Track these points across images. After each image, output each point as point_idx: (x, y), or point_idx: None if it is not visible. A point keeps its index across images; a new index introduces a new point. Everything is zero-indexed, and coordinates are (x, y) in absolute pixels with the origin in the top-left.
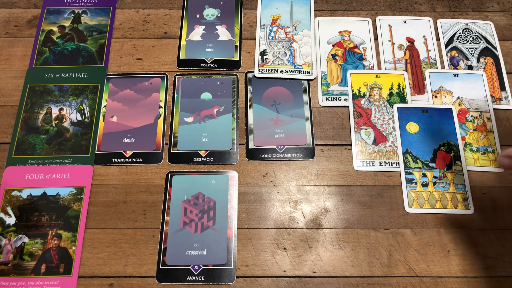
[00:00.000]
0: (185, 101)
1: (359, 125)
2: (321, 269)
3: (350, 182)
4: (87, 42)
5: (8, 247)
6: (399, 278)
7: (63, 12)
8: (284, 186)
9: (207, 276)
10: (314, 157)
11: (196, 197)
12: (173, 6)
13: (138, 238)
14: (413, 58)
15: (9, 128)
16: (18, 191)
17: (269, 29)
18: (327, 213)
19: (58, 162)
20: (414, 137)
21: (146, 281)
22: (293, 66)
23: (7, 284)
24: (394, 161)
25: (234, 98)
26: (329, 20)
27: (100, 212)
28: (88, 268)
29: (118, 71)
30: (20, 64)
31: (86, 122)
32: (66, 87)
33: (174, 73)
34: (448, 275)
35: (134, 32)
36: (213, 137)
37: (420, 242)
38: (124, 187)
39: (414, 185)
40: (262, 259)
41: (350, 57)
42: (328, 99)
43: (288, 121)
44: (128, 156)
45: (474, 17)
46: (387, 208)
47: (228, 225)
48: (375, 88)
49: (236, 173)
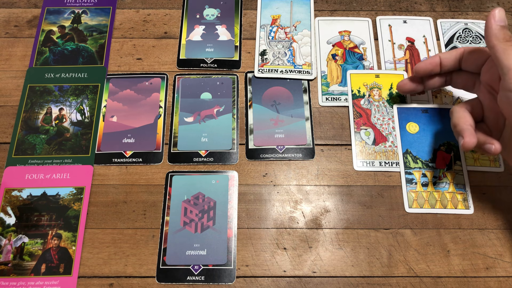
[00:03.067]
0: (185, 101)
1: (359, 125)
2: (321, 269)
3: (350, 182)
4: (87, 42)
5: (8, 247)
6: (399, 278)
7: (63, 12)
8: (284, 186)
9: (207, 276)
10: (314, 157)
11: (196, 197)
12: (173, 6)
13: (138, 238)
14: (413, 58)
15: (9, 128)
16: (18, 191)
17: (269, 29)
18: (327, 213)
19: (58, 162)
20: (414, 137)
21: (146, 281)
22: (293, 66)
23: (7, 284)
24: (394, 161)
25: (234, 98)
26: (329, 20)
27: (100, 212)
28: (88, 268)
29: (118, 71)
30: (20, 64)
31: (86, 122)
32: (66, 87)
33: (174, 73)
34: (448, 275)
35: (134, 32)
36: (213, 137)
37: (420, 242)
38: (124, 187)
39: (414, 185)
40: (262, 259)
41: (350, 57)
42: (328, 99)
43: (288, 121)
44: (128, 156)
45: (474, 17)
46: (387, 208)
47: (228, 225)
48: (374, 88)
49: (236, 173)
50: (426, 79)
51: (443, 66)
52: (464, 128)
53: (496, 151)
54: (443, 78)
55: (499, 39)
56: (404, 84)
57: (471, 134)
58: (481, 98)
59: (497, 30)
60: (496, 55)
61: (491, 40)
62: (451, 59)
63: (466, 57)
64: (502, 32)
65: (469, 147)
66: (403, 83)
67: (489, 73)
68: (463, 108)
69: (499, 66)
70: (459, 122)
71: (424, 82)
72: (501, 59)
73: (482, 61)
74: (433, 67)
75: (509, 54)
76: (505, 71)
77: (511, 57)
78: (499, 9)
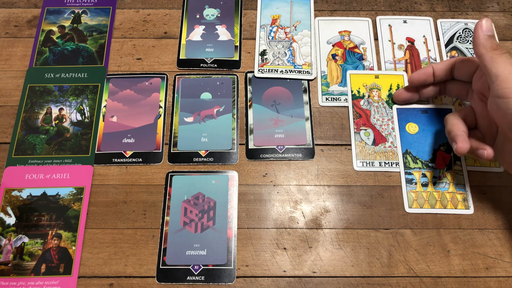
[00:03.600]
0: (185, 101)
1: (358, 125)
2: (321, 269)
3: (350, 182)
4: (87, 42)
5: (8, 247)
6: (399, 278)
7: (63, 12)
8: (284, 186)
9: (207, 276)
10: (314, 157)
11: (196, 197)
12: (173, 6)
13: (138, 238)
14: (413, 58)
15: (9, 128)
16: (18, 191)
17: (269, 29)
18: (327, 213)
19: (58, 162)
20: (414, 138)
21: (146, 281)
22: (293, 66)
23: (7, 284)
24: (394, 161)
25: (234, 98)
26: (329, 20)
27: (100, 212)
28: (88, 268)
29: (118, 71)
30: (20, 64)
31: (86, 122)
32: (66, 87)
33: (174, 73)
34: (448, 275)
35: (134, 32)
36: (213, 137)
37: (420, 242)
38: (124, 187)
39: (414, 185)
40: (262, 259)
41: (350, 57)
42: (328, 99)
43: (288, 121)
44: (128, 156)
45: (474, 17)
46: (387, 208)
47: (228, 225)
48: (374, 89)
49: (236, 173)
50: (421, 88)
51: (436, 76)
52: (458, 134)
53: (489, 156)
54: (437, 87)
55: (486, 48)
56: (399, 94)
57: (464, 139)
58: (474, 106)
59: (485, 39)
60: (484, 64)
61: (479, 50)
62: (444, 68)
63: (458, 66)
64: (489, 41)
65: (462, 152)
66: (398, 93)
67: (480, 81)
68: (456, 116)
69: (487, 74)
70: (453, 128)
71: (419, 91)
72: (489, 68)
73: (473, 70)
74: (426, 77)
75: (496, 63)
76: (493, 79)
77: (498, 65)
78: (486, 19)
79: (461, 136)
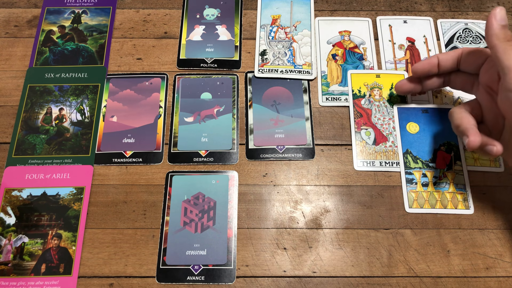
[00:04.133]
0: (185, 101)
1: (359, 125)
2: (321, 269)
3: (350, 182)
4: (87, 42)
5: (8, 247)
6: (399, 278)
7: (63, 12)
8: (284, 186)
9: (207, 276)
10: (314, 157)
11: (196, 197)
12: (173, 6)
13: (138, 238)
14: (413, 58)
15: (9, 128)
16: (18, 191)
17: (269, 29)
18: (327, 213)
19: (58, 162)
20: (414, 137)
21: (146, 281)
22: (293, 66)
23: (7, 284)
24: (394, 161)
25: (234, 98)
26: (329, 20)
27: (100, 212)
28: (88, 268)
29: (118, 71)
30: (20, 64)
31: (86, 122)
32: (66, 87)
33: (174, 73)
34: (448, 275)
35: (134, 32)
36: (213, 137)
37: (420, 242)
38: (124, 187)
39: (414, 185)
40: (262, 259)
41: (350, 57)
42: (328, 99)
43: (288, 121)
44: (128, 156)
45: (474, 17)
46: (387, 208)
47: (228, 225)
48: (375, 88)
49: (236, 173)
50: (424, 79)
51: (441, 67)
52: (468, 127)
53: (498, 152)
54: (441, 78)
55: (500, 39)
56: (402, 84)
57: (476, 133)
58: (480, 99)
59: (498, 29)
60: (497, 55)
61: (492, 40)
62: (449, 59)
63: (464, 58)
64: (503, 31)
65: (474, 146)
66: (401, 83)
67: (488, 74)
68: (463, 109)
69: (500, 66)
70: (462, 122)
71: (422, 83)
72: (502, 59)
73: (481, 62)
74: (431, 68)
75: (509, 54)
76: (506, 71)
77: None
78: (500, 8)
79: (472, 129)
